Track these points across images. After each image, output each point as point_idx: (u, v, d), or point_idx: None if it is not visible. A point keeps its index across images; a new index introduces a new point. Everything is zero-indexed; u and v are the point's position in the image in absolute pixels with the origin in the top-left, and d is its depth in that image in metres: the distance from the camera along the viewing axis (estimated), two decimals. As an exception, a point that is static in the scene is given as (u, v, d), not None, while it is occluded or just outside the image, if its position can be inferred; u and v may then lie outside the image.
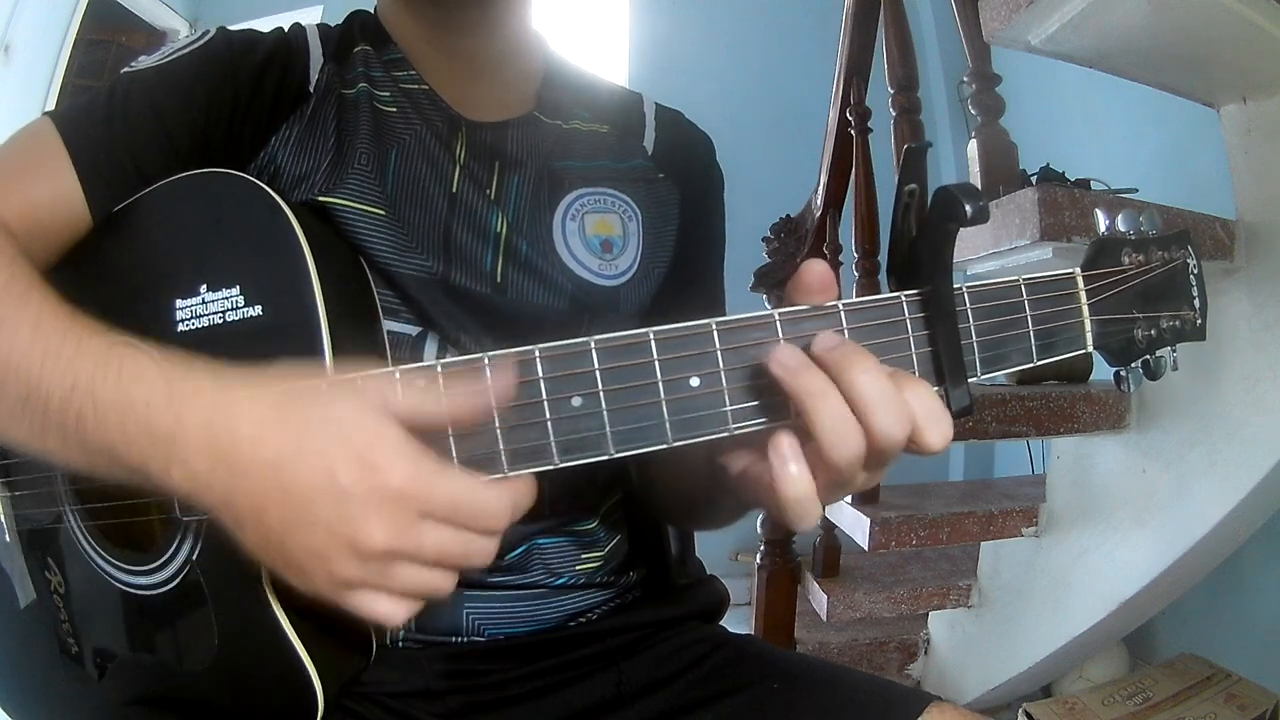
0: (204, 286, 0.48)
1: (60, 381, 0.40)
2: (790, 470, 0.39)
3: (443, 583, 0.40)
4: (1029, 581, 1.58)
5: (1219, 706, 1.46)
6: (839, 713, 0.57)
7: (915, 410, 0.39)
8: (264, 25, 0.63)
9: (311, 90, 0.60)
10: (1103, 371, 1.53)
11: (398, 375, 0.40)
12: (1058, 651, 1.53)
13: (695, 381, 0.41)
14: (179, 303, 0.49)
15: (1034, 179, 1.32)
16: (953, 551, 1.78)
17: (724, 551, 2.61)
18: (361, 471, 0.37)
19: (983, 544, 1.63)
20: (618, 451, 0.41)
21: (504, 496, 0.40)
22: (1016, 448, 2.29)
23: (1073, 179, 1.36)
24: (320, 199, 0.56)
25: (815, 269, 0.41)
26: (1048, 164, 1.40)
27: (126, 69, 0.58)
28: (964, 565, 1.73)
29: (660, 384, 0.40)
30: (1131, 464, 1.39)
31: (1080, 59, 1.17)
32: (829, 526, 1.71)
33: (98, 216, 0.55)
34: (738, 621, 0.85)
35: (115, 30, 2.89)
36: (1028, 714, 1.55)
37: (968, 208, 0.39)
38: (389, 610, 0.40)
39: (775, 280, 1.80)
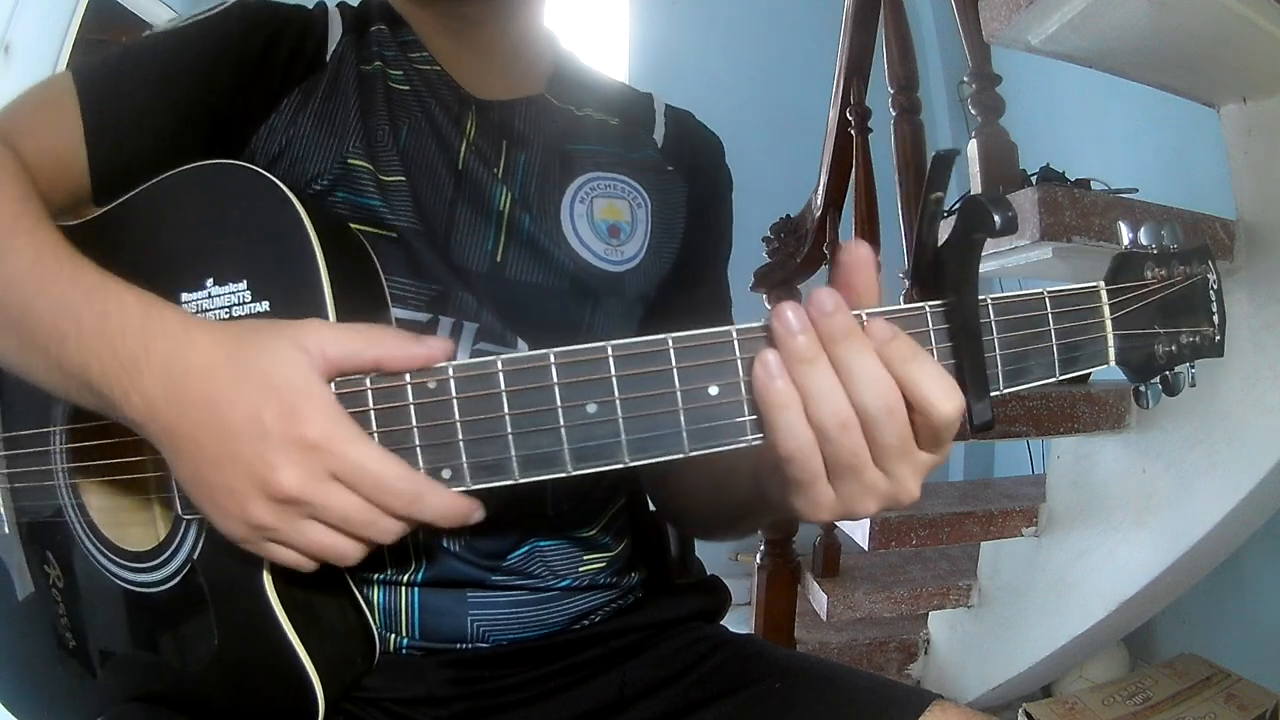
0: (210, 280, 0.48)
1: (51, 306, 0.44)
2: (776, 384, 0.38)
3: (347, 549, 0.42)
4: (1029, 581, 1.58)
5: (1219, 706, 1.46)
6: (840, 712, 0.57)
7: (909, 381, 0.38)
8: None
9: (328, 60, 0.60)
10: (1102, 371, 1.53)
11: (336, 330, 0.42)
12: (1058, 651, 1.52)
13: (714, 390, 0.40)
14: (184, 296, 0.48)
15: (1034, 179, 1.32)
16: (953, 551, 1.77)
17: (724, 551, 2.61)
18: (285, 418, 0.39)
19: (983, 544, 1.63)
20: (633, 460, 0.40)
21: (409, 482, 0.41)
22: (1016, 448, 2.29)
23: (1073, 179, 1.36)
24: (350, 161, 0.57)
25: (858, 251, 0.40)
26: (1048, 164, 1.40)
27: (146, 33, 0.59)
28: (964, 565, 1.73)
29: (678, 392, 0.40)
30: (1131, 464, 1.39)
31: (1080, 59, 1.17)
32: (829, 526, 1.71)
33: (96, 175, 0.55)
34: (738, 621, 0.85)
35: (115, 30, 2.88)
36: (1028, 714, 1.55)
37: (996, 218, 0.39)
38: (295, 561, 0.43)
39: (775, 280, 1.80)
